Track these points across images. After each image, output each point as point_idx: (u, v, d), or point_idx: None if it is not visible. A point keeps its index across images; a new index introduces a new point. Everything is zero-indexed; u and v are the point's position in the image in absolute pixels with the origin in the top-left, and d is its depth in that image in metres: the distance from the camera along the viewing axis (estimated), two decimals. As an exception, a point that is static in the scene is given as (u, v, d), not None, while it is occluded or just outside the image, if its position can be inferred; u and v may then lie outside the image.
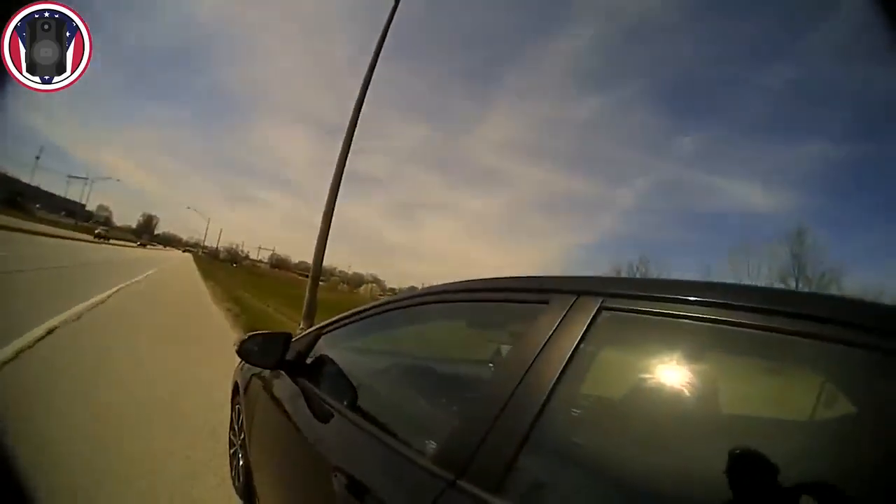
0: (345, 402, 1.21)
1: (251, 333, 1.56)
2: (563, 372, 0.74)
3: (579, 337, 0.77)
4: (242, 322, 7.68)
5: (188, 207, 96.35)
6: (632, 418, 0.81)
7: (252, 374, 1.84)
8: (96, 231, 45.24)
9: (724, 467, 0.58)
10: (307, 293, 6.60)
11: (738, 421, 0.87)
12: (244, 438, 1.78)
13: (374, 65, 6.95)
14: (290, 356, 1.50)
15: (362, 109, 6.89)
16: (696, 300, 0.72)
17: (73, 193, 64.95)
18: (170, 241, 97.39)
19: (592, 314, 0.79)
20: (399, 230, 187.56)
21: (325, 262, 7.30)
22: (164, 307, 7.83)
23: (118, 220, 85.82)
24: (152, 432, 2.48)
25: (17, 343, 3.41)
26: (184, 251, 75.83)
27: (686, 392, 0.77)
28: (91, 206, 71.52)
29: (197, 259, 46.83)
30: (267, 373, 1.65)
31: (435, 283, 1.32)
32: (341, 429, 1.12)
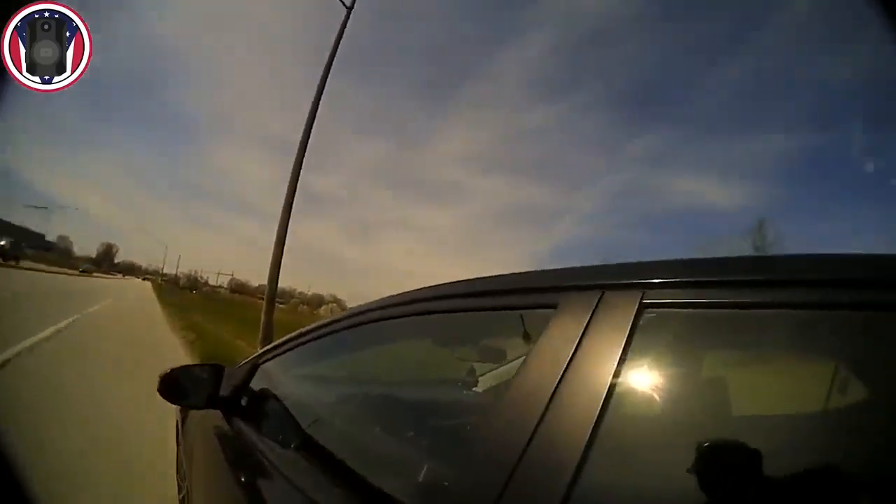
0: (291, 446, 0.99)
1: (175, 367, 1.29)
2: (601, 412, 0.49)
3: (619, 352, 0.52)
4: (199, 348, 7.35)
5: (144, 230, 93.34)
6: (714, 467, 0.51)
7: (189, 411, 1.56)
8: None
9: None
10: (263, 316, 6.43)
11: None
12: (188, 485, 1.50)
13: (325, 80, 6.95)
14: (225, 391, 1.24)
15: (314, 127, 6.86)
16: (790, 280, 0.52)
17: (32, 223, 62.12)
18: (130, 270, 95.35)
19: (631, 317, 0.55)
20: (357, 248, 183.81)
21: (284, 285, 7.29)
22: (118, 338, 7.32)
23: (79, 251, 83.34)
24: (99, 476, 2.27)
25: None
26: (143, 279, 73.91)
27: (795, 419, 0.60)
28: (51, 237, 69.09)
29: (156, 287, 45.19)
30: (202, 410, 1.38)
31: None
32: (283, 484, 0.89)
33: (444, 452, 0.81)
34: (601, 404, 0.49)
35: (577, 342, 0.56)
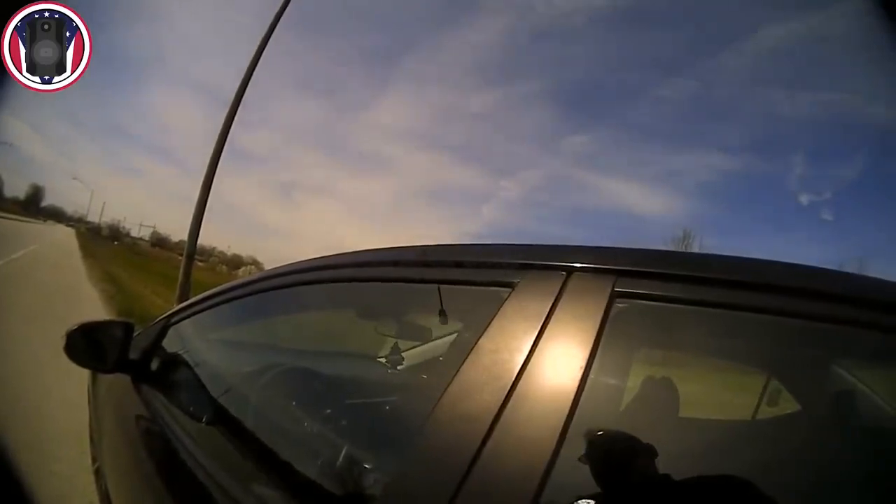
0: (202, 419, 0.92)
1: (83, 322, 1.16)
2: (571, 406, 0.44)
3: (589, 342, 0.47)
4: (117, 303, 7.27)
5: (74, 178, 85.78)
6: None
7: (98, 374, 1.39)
8: None
9: None
10: (181, 273, 6.26)
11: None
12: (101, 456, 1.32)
13: (269, 36, 6.55)
14: (134, 353, 1.13)
15: (252, 80, 6.55)
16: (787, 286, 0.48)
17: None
18: (54, 215, 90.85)
19: (603, 304, 0.49)
20: (280, 211, 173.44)
21: (204, 242, 7.11)
22: (37, 288, 7.06)
23: (8, 191, 77.42)
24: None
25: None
26: (67, 226, 70.87)
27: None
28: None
29: (79, 235, 42.55)
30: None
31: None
32: (191, 463, 0.80)
33: (366, 433, 0.77)
34: (572, 399, 0.45)
35: (540, 327, 0.50)
